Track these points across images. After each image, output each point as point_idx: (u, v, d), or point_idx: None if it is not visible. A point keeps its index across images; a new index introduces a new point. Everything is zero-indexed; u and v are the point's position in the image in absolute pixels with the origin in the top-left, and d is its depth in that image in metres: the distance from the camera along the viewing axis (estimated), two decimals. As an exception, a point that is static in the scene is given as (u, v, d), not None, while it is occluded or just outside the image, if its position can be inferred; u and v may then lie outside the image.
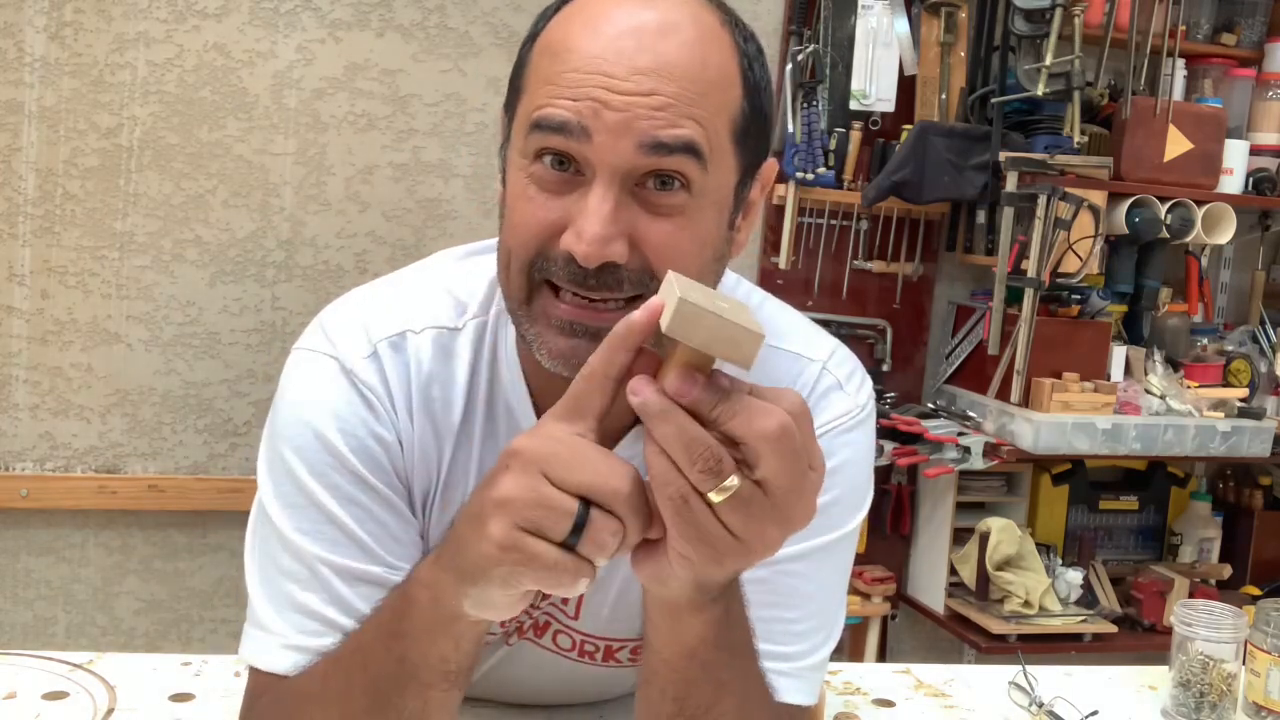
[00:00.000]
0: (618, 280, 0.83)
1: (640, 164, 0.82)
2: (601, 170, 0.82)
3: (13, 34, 2.28)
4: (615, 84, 0.81)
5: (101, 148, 2.34)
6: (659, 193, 0.83)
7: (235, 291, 2.43)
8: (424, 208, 2.48)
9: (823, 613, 0.99)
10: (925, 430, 2.57)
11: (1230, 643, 1.30)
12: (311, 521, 0.92)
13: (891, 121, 2.66)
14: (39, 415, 2.39)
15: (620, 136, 0.81)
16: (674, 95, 0.82)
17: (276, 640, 0.92)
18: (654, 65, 0.82)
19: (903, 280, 2.75)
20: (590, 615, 1.05)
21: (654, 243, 0.83)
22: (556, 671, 1.10)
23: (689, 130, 0.82)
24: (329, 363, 0.95)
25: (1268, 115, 2.78)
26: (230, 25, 2.37)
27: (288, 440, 0.94)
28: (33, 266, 2.35)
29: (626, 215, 0.83)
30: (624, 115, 0.81)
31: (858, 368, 1.05)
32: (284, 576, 0.93)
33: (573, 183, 0.83)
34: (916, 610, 2.80)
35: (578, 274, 0.83)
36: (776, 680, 0.94)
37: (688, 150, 0.82)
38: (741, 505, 0.67)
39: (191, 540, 2.48)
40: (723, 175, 0.86)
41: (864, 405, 1.02)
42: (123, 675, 1.20)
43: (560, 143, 0.82)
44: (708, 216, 0.86)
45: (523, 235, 0.85)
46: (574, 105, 0.82)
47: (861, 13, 2.61)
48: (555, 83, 0.83)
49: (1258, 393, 2.80)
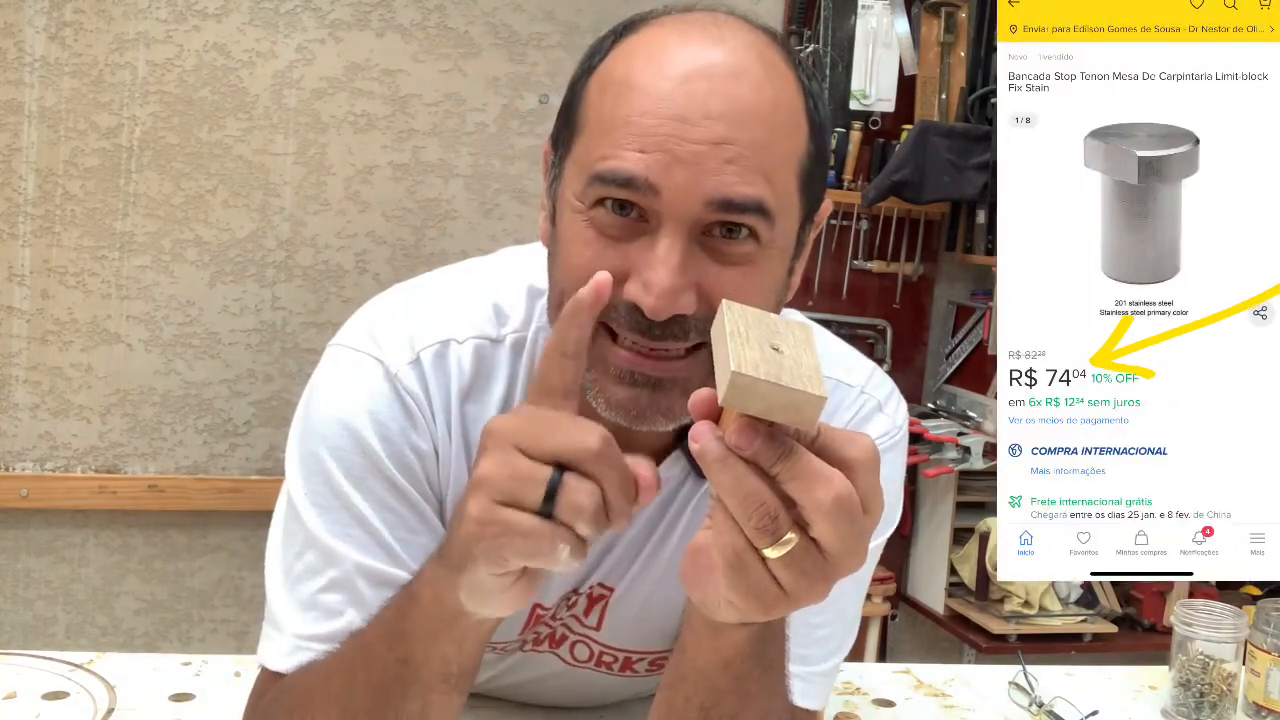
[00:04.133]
0: (684, 330, 0.80)
1: (708, 217, 0.79)
2: (669, 222, 0.78)
3: (13, 34, 2.28)
4: (687, 131, 0.77)
5: (101, 148, 2.34)
6: (727, 241, 0.80)
7: (235, 291, 2.43)
8: (424, 208, 2.48)
9: (841, 621, 0.99)
10: (925, 430, 2.57)
11: (1230, 643, 1.29)
12: (341, 524, 0.90)
13: (891, 121, 2.66)
14: (39, 415, 2.39)
15: (689, 192, 0.77)
16: (747, 145, 0.78)
17: (291, 641, 0.91)
18: (726, 110, 0.78)
19: (903, 280, 2.76)
20: (612, 627, 1.03)
21: (723, 293, 0.78)
22: (568, 679, 1.09)
23: (759, 189, 0.79)
24: (373, 365, 0.92)
25: (1268, 115, 2.78)
26: (230, 25, 2.37)
27: (324, 439, 0.91)
28: (33, 266, 2.35)
29: (694, 266, 0.79)
30: (695, 170, 0.77)
31: (894, 389, 1.04)
32: (309, 575, 0.91)
33: (636, 229, 0.80)
34: (916, 610, 2.80)
35: (642, 324, 0.79)
36: (793, 684, 0.93)
37: (758, 210, 0.79)
38: (795, 562, 0.66)
39: (191, 540, 2.48)
40: (788, 223, 0.84)
41: (901, 426, 1.02)
42: (123, 675, 1.20)
43: (627, 195, 0.79)
44: (774, 265, 0.84)
45: (581, 281, 0.78)
46: (642, 159, 0.77)
47: (861, 13, 2.61)
48: (619, 129, 0.79)
49: (1258, 393, 2.80)
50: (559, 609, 1.01)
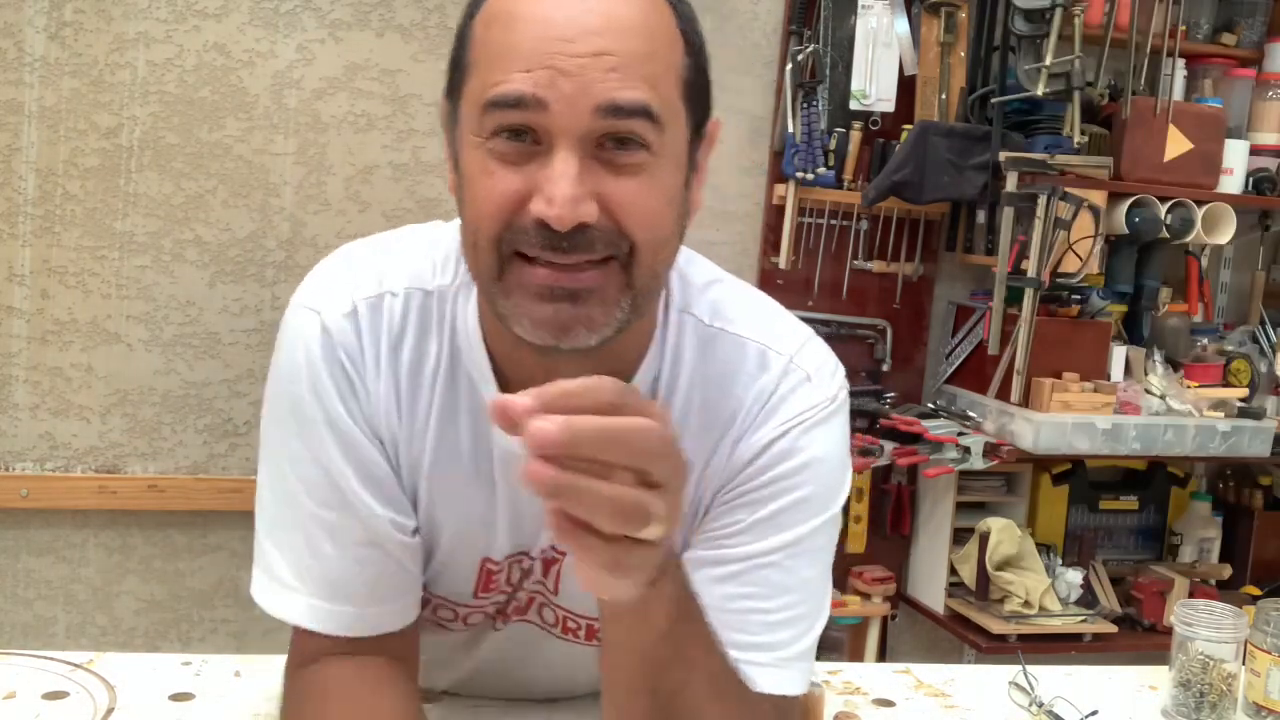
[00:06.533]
0: (590, 241, 0.83)
1: (598, 127, 0.82)
2: (561, 137, 0.82)
3: (13, 34, 2.28)
4: (568, 47, 0.81)
5: (101, 148, 2.34)
6: (620, 152, 0.84)
7: (235, 291, 2.43)
8: (424, 208, 2.48)
9: (803, 602, 0.99)
10: (925, 430, 2.57)
11: (1230, 643, 1.30)
12: (298, 471, 0.98)
13: (891, 121, 2.66)
14: (39, 415, 2.39)
15: (577, 103, 0.81)
16: (627, 55, 0.82)
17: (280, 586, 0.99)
18: (603, 25, 0.82)
19: (903, 280, 2.75)
20: (567, 592, 1.06)
21: (622, 201, 0.84)
22: (550, 654, 1.11)
23: (643, 93, 0.83)
24: (312, 318, 0.99)
25: (1268, 115, 2.78)
26: (230, 25, 2.37)
27: (272, 396, 1.00)
28: (33, 266, 2.35)
29: (591, 177, 0.83)
30: (579, 80, 0.81)
31: (828, 360, 1.03)
32: (276, 525, 1.00)
33: (532, 153, 0.83)
34: (916, 610, 2.80)
35: (550, 239, 0.83)
36: (758, 671, 0.95)
37: (643, 114, 0.83)
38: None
39: (191, 540, 2.48)
40: (677, 133, 0.87)
41: (834, 396, 1.01)
42: (122, 675, 1.20)
43: (518, 117, 0.82)
44: (669, 173, 0.87)
45: (488, 209, 0.85)
46: (529, 77, 0.82)
47: (861, 13, 2.61)
48: (505, 56, 0.83)
49: (1258, 393, 2.79)
50: (511, 571, 1.05)
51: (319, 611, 0.98)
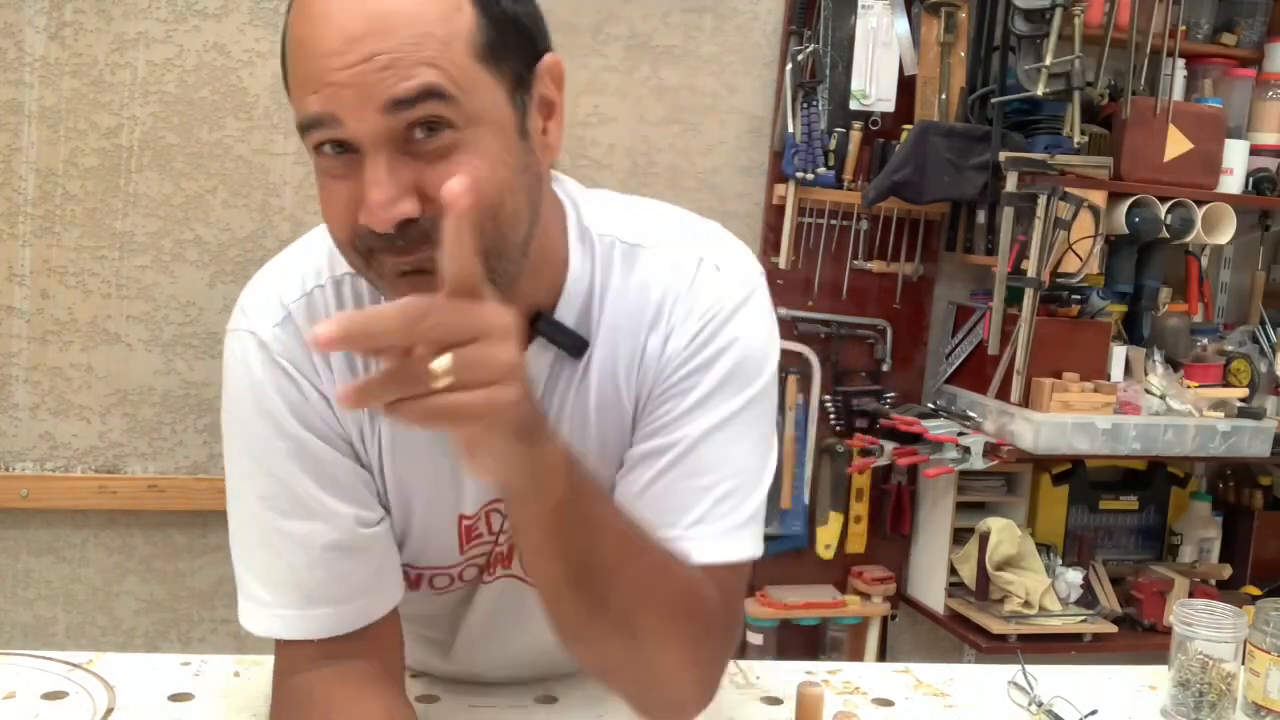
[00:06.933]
0: (422, 232, 0.86)
1: (393, 124, 0.84)
2: (364, 143, 0.85)
3: (13, 34, 2.28)
4: (340, 60, 0.83)
5: (101, 148, 2.34)
6: (428, 140, 0.85)
7: (235, 291, 2.40)
8: (424, 208, 2.48)
9: (740, 473, 1.03)
10: (925, 430, 2.57)
11: (1230, 643, 1.29)
12: (258, 489, 1.02)
13: (891, 121, 2.66)
14: (39, 415, 2.39)
15: (363, 109, 0.83)
16: (395, 48, 0.83)
17: (257, 604, 1.03)
18: (366, 28, 0.83)
19: (903, 280, 2.76)
20: None
21: (439, 185, 0.84)
22: (537, 615, 1.12)
23: (422, 78, 0.84)
24: (247, 339, 1.04)
25: (1268, 115, 2.78)
26: (230, 25, 2.37)
27: (225, 425, 1.05)
28: (33, 266, 2.35)
29: (406, 173, 0.85)
30: (357, 88, 0.83)
31: (740, 250, 1.08)
32: (245, 546, 1.04)
33: (354, 162, 0.86)
34: (916, 610, 2.80)
35: (385, 240, 0.86)
36: (698, 546, 1.00)
37: (429, 96, 0.84)
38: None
39: (191, 540, 2.48)
40: (484, 96, 0.87)
41: (745, 280, 1.05)
42: (122, 675, 1.20)
43: (325, 134, 0.86)
44: (487, 139, 0.88)
45: (334, 225, 0.90)
46: (317, 99, 0.85)
47: (861, 13, 2.61)
48: (299, 85, 0.87)
49: (1258, 393, 2.79)
50: (489, 520, 1.08)
51: (296, 620, 1.01)
